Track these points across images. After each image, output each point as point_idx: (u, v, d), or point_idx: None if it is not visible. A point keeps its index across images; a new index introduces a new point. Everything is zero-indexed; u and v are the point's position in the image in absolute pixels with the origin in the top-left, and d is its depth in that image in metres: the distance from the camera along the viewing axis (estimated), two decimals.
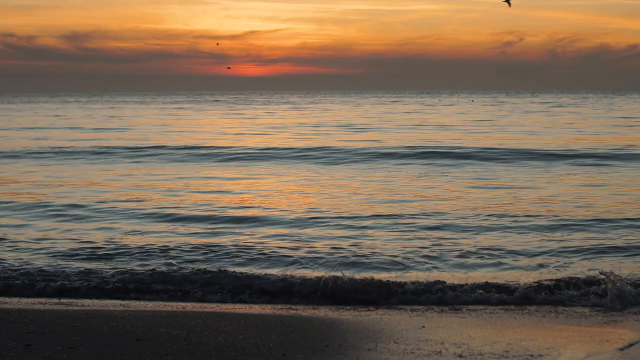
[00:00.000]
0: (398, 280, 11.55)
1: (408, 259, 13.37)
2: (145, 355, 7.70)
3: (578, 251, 13.91)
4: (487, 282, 11.49)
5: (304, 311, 10.23)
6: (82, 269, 12.64)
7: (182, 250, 13.99)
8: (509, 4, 21.37)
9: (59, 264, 13.03)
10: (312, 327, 9.03)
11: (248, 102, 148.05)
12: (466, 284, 11.27)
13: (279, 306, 10.69)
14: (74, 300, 11.01)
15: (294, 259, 13.37)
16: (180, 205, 19.14)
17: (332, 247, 14.16)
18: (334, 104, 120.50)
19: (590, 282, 11.29)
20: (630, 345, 8.41)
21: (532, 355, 7.93)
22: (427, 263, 13.14)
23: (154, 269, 12.40)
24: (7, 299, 11.08)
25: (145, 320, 9.13)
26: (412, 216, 17.31)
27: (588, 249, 14.06)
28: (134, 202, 19.73)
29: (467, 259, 13.38)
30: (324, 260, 13.26)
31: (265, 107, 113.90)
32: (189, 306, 10.36)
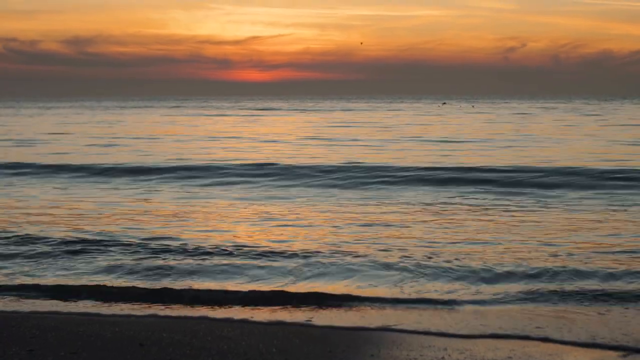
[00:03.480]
0: None
1: None
2: None
3: None
4: None
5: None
6: None
7: None
8: None
9: None
10: (315, 332, 9.02)
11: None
12: None
13: (281, 311, 10.64)
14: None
15: None
16: None
17: None
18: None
19: None
20: None
21: None
22: None
23: None
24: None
25: (148, 325, 9.13)
26: None
27: None
28: None
29: None
30: None
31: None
32: (193, 311, 10.34)
